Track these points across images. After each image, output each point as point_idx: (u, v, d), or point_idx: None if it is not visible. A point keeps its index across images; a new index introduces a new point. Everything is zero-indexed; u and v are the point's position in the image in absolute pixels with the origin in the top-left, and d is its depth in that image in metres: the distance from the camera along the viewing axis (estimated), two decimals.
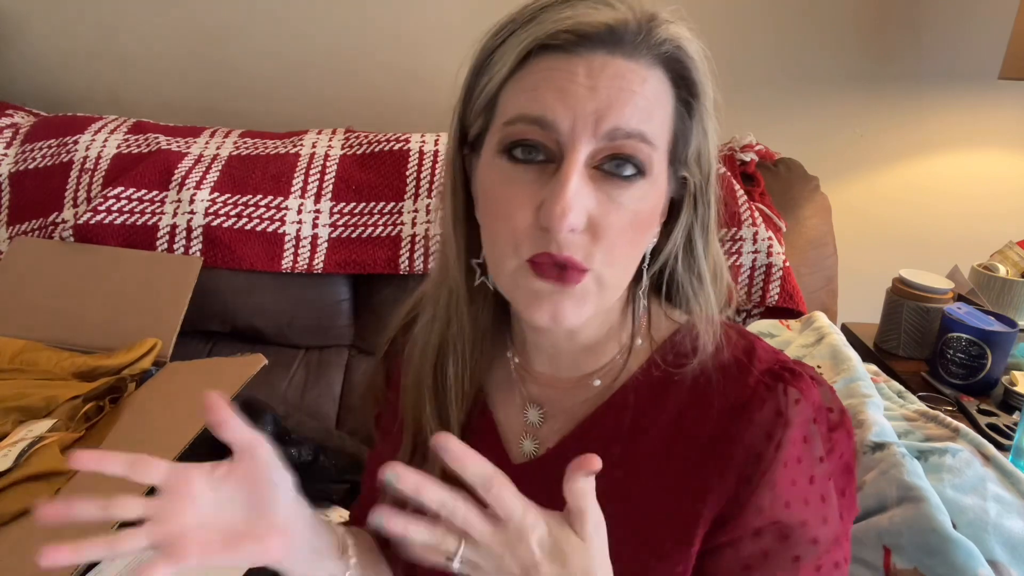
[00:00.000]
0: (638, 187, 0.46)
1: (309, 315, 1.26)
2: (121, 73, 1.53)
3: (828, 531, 0.50)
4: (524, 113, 0.45)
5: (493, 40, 0.48)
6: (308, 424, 1.09)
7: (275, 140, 1.34)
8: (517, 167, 0.46)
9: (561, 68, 0.45)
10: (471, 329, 0.56)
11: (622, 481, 0.51)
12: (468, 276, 0.54)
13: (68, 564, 0.42)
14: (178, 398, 0.95)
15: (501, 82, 0.47)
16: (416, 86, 1.50)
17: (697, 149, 0.50)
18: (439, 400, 0.58)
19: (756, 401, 0.49)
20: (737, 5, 1.44)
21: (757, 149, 1.31)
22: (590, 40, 0.44)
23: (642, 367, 0.54)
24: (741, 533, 0.49)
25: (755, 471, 0.48)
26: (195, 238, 1.20)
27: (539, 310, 0.47)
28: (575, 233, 0.45)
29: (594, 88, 0.44)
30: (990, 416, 1.02)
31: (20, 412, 0.93)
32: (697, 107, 0.49)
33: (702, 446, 0.50)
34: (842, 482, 0.51)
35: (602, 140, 0.45)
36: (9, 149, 1.31)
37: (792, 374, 0.50)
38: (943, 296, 1.20)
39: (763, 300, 1.19)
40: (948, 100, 1.48)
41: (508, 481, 0.42)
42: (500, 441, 0.58)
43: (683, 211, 0.52)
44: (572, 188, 0.43)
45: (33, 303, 1.15)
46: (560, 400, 0.56)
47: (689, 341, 0.52)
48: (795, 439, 0.48)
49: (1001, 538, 0.66)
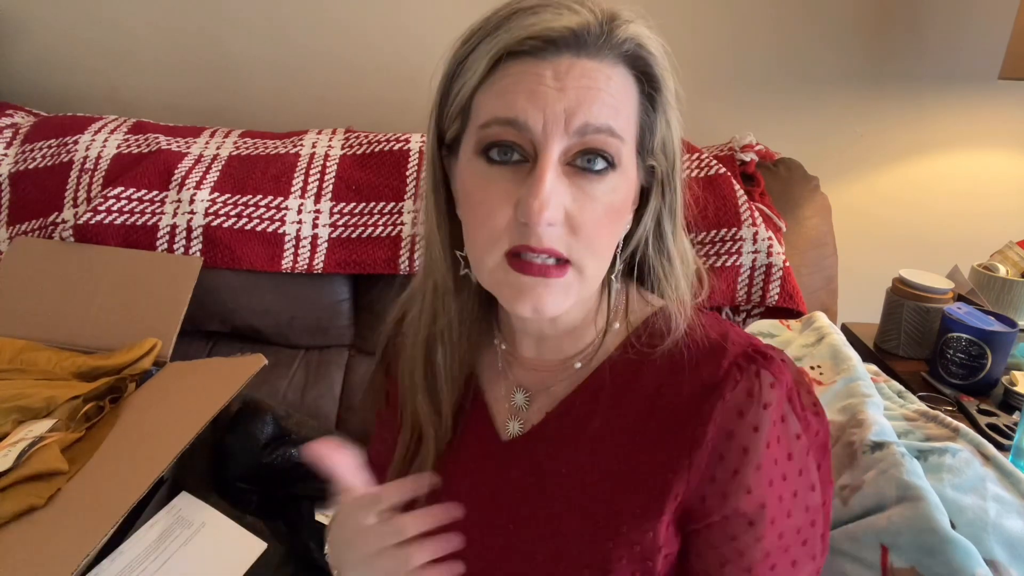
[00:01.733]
0: (609, 180, 0.49)
1: (309, 315, 1.26)
2: (121, 73, 1.53)
3: (814, 498, 0.53)
4: (497, 116, 0.48)
5: (463, 48, 0.51)
6: (308, 424, 1.09)
7: (275, 140, 1.34)
8: (494, 168, 0.49)
9: (530, 72, 0.47)
10: (458, 320, 0.60)
11: (599, 455, 0.55)
12: (453, 269, 0.57)
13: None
14: (178, 398, 0.95)
15: (473, 88, 0.50)
16: (416, 86, 1.48)
17: (662, 139, 0.53)
18: (431, 387, 0.61)
19: (729, 381, 0.51)
20: (737, 5, 1.44)
21: (757, 149, 1.31)
22: (555, 44, 0.47)
23: (619, 348, 0.57)
24: (726, 512, 0.51)
25: (734, 452, 0.50)
26: (195, 238, 1.20)
27: (522, 303, 0.50)
28: (553, 227, 0.48)
29: (562, 89, 0.47)
30: (990, 416, 1.02)
31: (20, 412, 0.93)
32: (660, 100, 0.52)
33: (676, 421, 0.52)
34: (818, 457, 0.54)
35: (573, 136, 0.47)
36: (9, 149, 1.31)
37: (765, 357, 0.52)
38: (943, 296, 1.20)
39: (763, 300, 1.19)
40: (948, 100, 1.48)
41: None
42: (491, 421, 0.61)
43: (652, 197, 0.55)
44: (548, 184, 0.46)
45: (33, 303, 1.15)
46: (544, 382, 0.60)
47: (663, 323, 0.55)
48: (774, 419, 0.50)
49: (1001, 538, 0.66)
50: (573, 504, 0.54)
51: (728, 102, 1.46)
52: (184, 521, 0.85)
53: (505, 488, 0.58)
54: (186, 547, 0.82)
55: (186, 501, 0.88)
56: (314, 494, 0.96)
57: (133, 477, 0.77)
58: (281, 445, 0.98)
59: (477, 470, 0.60)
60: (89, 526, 0.73)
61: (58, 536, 0.74)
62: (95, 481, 0.81)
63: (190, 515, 0.86)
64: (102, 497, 0.77)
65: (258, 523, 0.89)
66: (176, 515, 0.86)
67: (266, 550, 0.85)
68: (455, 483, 0.61)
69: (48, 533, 0.75)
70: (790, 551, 0.53)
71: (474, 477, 0.60)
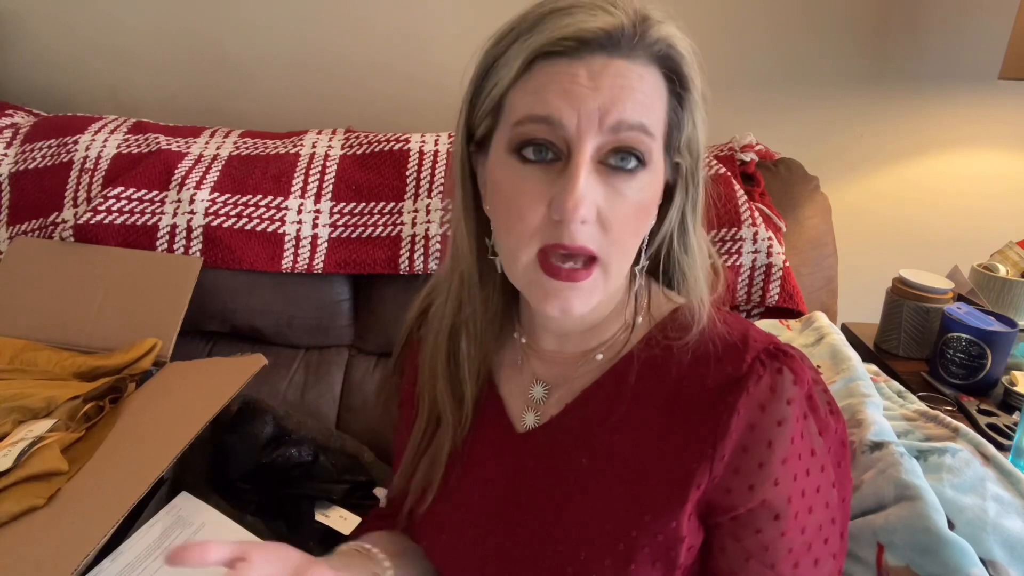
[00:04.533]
0: (640, 178, 0.50)
1: (309, 315, 1.26)
2: (121, 73, 1.53)
3: (834, 495, 0.54)
4: (532, 113, 0.49)
5: (496, 47, 0.52)
6: (308, 424, 1.09)
7: (275, 140, 1.34)
8: (527, 166, 0.50)
9: (564, 72, 0.48)
10: (483, 311, 0.61)
11: (619, 446, 0.55)
12: (478, 263, 0.59)
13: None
14: (178, 398, 0.95)
15: (507, 87, 0.51)
16: (416, 86, 1.50)
17: (688, 137, 0.54)
18: (453, 378, 0.63)
19: (753, 376, 0.51)
20: (737, 5, 1.44)
21: (757, 149, 1.31)
22: (589, 45, 0.48)
23: (641, 341, 0.58)
24: (753, 504, 0.51)
25: (759, 445, 0.51)
26: (195, 238, 1.20)
27: (550, 305, 0.51)
28: (586, 225, 0.48)
29: (597, 88, 0.47)
30: (990, 416, 1.02)
31: (20, 412, 0.93)
32: (688, 99, 0.52)
33: (699, 413, 0.52)
34: (838, 455, 0.55)
35: (607, 134, 0.48)
36: (9, 149, 1.31)
37: (786, 355, 0.53)
38: (943, 296, 1.20)
39: (763, 300, 1.19)
40: (948, 100, 1.48)
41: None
42: (505, 414, 0.62)
43: (676, 194, 0.56)
44: (583, 181, 0.47)
45: (33, 303, 1.15)
46: (564, 374, 0.60)
47: (685, 317, 0.56)
48: (797, 415, 0.51)
49: (1000, 538, 0.66)
50: (593, 494, 0.55)
51: (728, 102, 1.46)
52: (184, 521, 0.85)
53: (523, 480, 0.59)
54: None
55: (186, 501, 0.88)
56: (314, 494, 0.96)
57: (133, 477, 0.77)
58: (281, 445, 0.98)
59: (494, 462, 0.61)
60: (89, 526, 0.72)
61: (58, 536, 0.74)
62: (95, 481, 0.81)
63: (190, 515, 0.86)
64: (102, 497, 0.77)
65: (258, 523, 0.89)
66: (176, 515, 0.86)
67: None
68: (471, 476, 0.62)
69: (48, 533, 0.75)
70: (812, 548, 0.53)
71: (491, 470, 0.61)
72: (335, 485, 0.98)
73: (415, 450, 0.65)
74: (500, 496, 0.59)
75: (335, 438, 1.11)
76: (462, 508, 0.62)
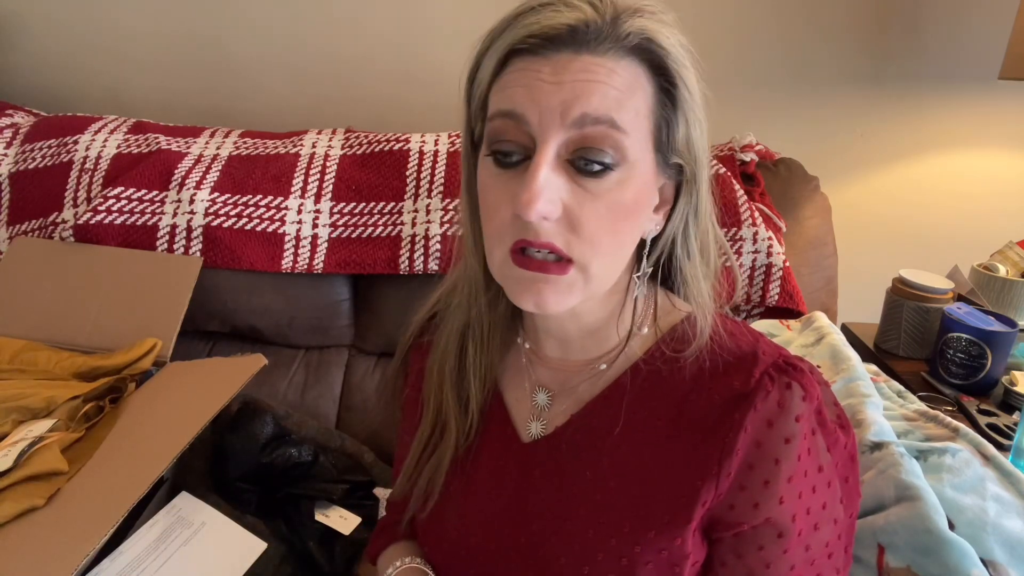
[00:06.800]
0: (612, 176, 0.49)
1: (309, 315, 1.26)
2: (121, 73, 1.53)
3: (841, 511, 0.53)
4: (498, 109, 0.49)
5: (480, 48, 0.52)
6: (308, 424, 1.09)
7: (275, 140, 1.34)
8: (499, 168, 0.50)
9: (529, 68, 0.48)
10: (488, 316, 0.61)
11: (624, 459, 0.54)
12: (482, 266, 0.58)
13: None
14: (178, 398, 0.95)
15: (487, 86, 0.51)
16: (416, 86, 1.50)
17: (684, 136, 0.52)
18: (460, 383, 0.62)
19: (761, 392, 0.50)
20: (738, 5, 1.44)
21: (757, 149, 1.31)
22: (553, 41, 0.48)
23: (648, 352, 0.57)
24: (756, 522, 0.51)
25: (765, 462, 0.50)
26: (195, 238, 1.20)
27: (524, 297, 0.50)
28: (550, 222, 0.48)
29: (559, 83, 0.47)
30: (990, 416, 1.02)
31: (20, 412, 0.92)
32: (677, 95, 0.51)
33: (705, 429, 0.51)
34: (846, 470, 0.53)
35: (571, 128, 0.47)
36: (9, 149, 1.31)
37: (796, 369, 0.52)
38: (943, 296, 1.20)
39: (763, 300, 1.19)
40: (948, 100, 1.48)
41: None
42: (510, 422, 0.61)
43: (681, 198, 0.54)
44: (541, 177, 0.47)
45: (33, 303, 1.15)
46: (567, 383, 0.60)
47: (692, 328, 0.55)
48: (804, 432, 0.50)
49: (1000, 538, 0.66)
50: (598, 508, 0.54)
51: (728, 102, 1.46)
52: (184, 521, 0.85)
53: (527, 490, 0.58)
54: (186, 547, 0.82)
55: (186, 501, 0.88)
56: (314, 494, 0.96)
57: (133, 477, 0.77)
58: (281, 445, 0.98)
59: (498, 471, 0.60)
60: (89, 526, 0.72)
61: (58, 536, 0.74)
62: (95, 481, 0.81)
63: (190, 515, 0.86)
64: (102, 497, 0.77)
65: (258, 523, 0.89)
66: (176, 515, 0.86)
67: (266, 550, 0.85)
68: (475, 483, 0.61)
69: (48, 533, 0.75)
70: (816, 564, 0.52)
71: (495, 479, 0.60)
72: (335, 485, 0.98)
73: (418, 455, 0.64)
74: (503, 506, 0.59)
75: (335, 438, 1.11)
76: (465, 516, 0.61)
